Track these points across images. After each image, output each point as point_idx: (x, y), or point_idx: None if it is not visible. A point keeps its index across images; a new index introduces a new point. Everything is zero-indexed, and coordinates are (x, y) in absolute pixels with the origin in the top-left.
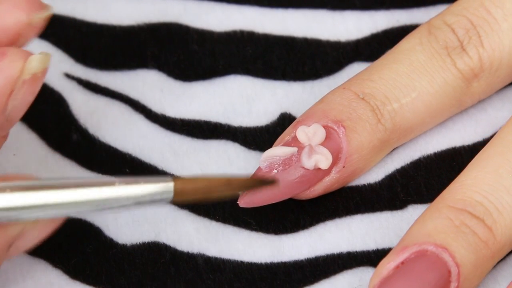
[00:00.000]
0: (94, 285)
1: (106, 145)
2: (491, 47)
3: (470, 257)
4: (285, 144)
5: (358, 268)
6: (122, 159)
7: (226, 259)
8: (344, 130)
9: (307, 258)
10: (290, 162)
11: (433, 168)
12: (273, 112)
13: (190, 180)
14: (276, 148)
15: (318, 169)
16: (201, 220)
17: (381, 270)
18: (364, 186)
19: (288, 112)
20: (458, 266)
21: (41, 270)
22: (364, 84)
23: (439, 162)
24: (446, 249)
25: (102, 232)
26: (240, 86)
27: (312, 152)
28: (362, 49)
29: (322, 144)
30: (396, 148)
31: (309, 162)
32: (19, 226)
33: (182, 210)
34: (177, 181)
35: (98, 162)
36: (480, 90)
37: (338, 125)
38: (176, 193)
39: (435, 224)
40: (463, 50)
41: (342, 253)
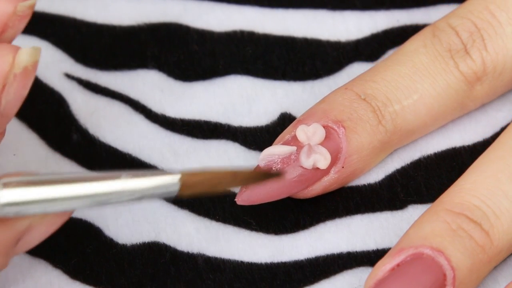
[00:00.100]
0: (94, 285)
1: (106, 145)
2: (495, 51)
3: (466, 261)
4: (284, 143)
5: (358, 268)
6: (122, 159)
7: (226, 259)
8: (344, 131)
9: (307, 258)
10: (288, 161)
11: (433, 168)
12: (273, 112)
13: (196, 173)
14: (275, 146)
15: (317, 168)
16: (201, 220)
17: (376, 272)
18: (364, 186)
19: (288, 112)
20: (453, 270)
21: (41, 270)
22: (366, 85)
23: (439, 162)
24: (442, 252)
25: (102, 232)
26: (240, 86)
27: (311, 151)
28: (362, 49)
29: (321, 144)
30: (396, 148)
31: (307, 162)
32: (27, 221)
33: (182, 210)
34: (183, 174)
35: (98, 162)
36: (483, 94)
37: (338, 125)
38: (182, 186)
39: (432, 227)
40: (467, 53)
41: (342, 253)
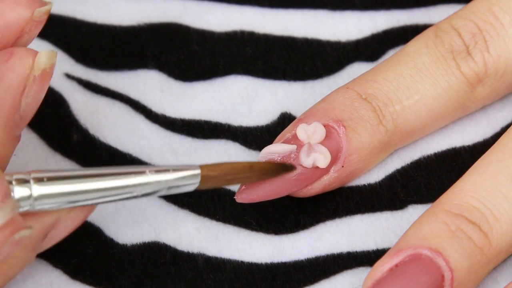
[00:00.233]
0: (94, 285)
1: (106, 145)
2: (497, 53)
3: (464, 262)
4: (285, 141)
5: (358, 268)
6: (122, 159)
7: (226, 259)
8: (344, 130)
9: (307, 258)
10: (288, 160)
11: (433, 168)
12: (273, 112)
13: (214, 166)
14: (275, 145)
15: (317, 167)
16: (201, 220)
17: (375, 272)
18: (364, 186)
19: (288, 112)
20: (451, 271)
21: (41, 270)
22: (367, 84)
23: (439, 162)
24: (441, 253)
25: (102, 232)
26: (240, 86)
27: (310, 150)
28: (362, 49)
29: (321, 143)
30: (396, 148)
31: (307, 161)
32: (54, 215)
33: (182, 210)
34: (203, 168)
35: (98, 162)
36: (484, 95)
37: (338, 124)
38: (202, 179)
39: (431, 228)
40: (469, 54)
41: (342, 253)
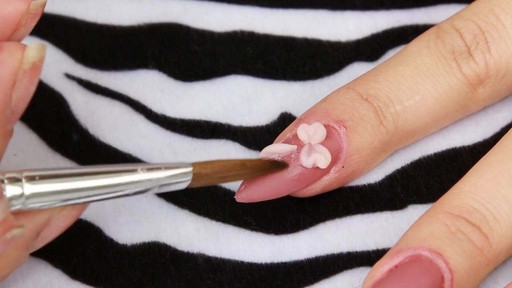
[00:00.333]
0: (94, 285)
1: (106, 145)
2: (498, 54)
3: (464, 264)
4: (285, 141)
5: (358, 268)
6: (122, 159)
7: (226, 259)
8: (345, 130)
9: (307, 258)
10: (289, 160)
11: (433, 168)
12: (273, 112)
13: (206, 164)
14: (275, 145)
15: (317, 168)
16: (201, 220)
17: (374, 273)
18: (364, 186)
19: (288, 112)
20: (451, 272)
21: (41, 270)
22: (368, 85)
23: (439, 162)
24: (441, 255)
25: (102, 232)
26: (240, 86)
27: (311, 150)
28: (362, 49)
29: (322, 143)
30: (397, 149)
31: (307, 161)
32: (47, 214)
33: (182, 210)
34: (195, 165)
35: (98, 162)
36: (485, 96)
37: (339, 124)
38: (194, 176)
39: (431, 229)
40: (470, 55)
41: (342, 253)
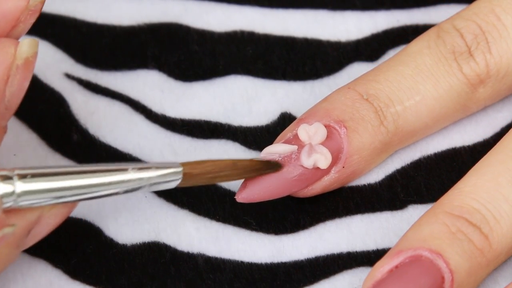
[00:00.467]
0: (94, 285)
1: (106, 145)
2: (499, 54)
3: (464, 264)
4: (286, 141)
5: (358, 268)
6: (122, 159)
7: (226, 259)
8: (345, 131)
9: (307, 258)
10: (289, 160)
11: (433, 168)
12: (273, 112)
13: (197, 164)
14: (276, 145)
15: (317, 168)
16: (201, 220)
17: (374, 273)
18: (364, 186)
19: (288, 112)
20: (451, 272)
21: (41, 270)
22: (368, 85)
23: (439, 162)
24: (441, 255)
25: (102, 232)
26: (240, 86)
27: (312, 151)
28: (362, 49)
29: (322, 143)
30: (397, 149)
31: (308, 161)
32: (38, 212)
33: (182, 210)
34: (185, 165)
35: (98, 162)
36: (485, 96)
37: (340, 125)
38: (184, 176)
39: (431, 229)
40: (471, 55)
41: (342, 253)
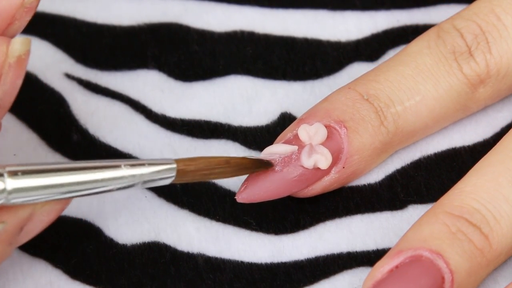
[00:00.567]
0: (94, 285)
1: (106, 145)
2: (499, 54)
3: (464, 264)
4: (286, 141)
5: (358, 268)
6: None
7: (226, 259)
8: (346, 131)
9: (307, 258)
10: (289, 160)
11: (433, 168)
12: (273, 111)
13: (191, 160)
14: (276, 145)
15: (318, 168)
16: (201, 220)
17: (375, 273)
18: (364, 186)
19: (288, 112)
20: (452, 272)
21: (41, 270)
22: (369, 85)
23: (439, 162)
24: (441, 255)
25: (102, 232)
26: (240, 86)
27: (312, 151)
28: (362, 49)
29: (323, 143)
30: (397, 149)
31: (308, 162)
32: (30, 209)
33: (182, 210)
34: (179, 162)
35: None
36: (486, 96)
37: (340, 125)
38: (178, 173)
39: (431, 229)
40: (471, 55)
41: (342, 253)
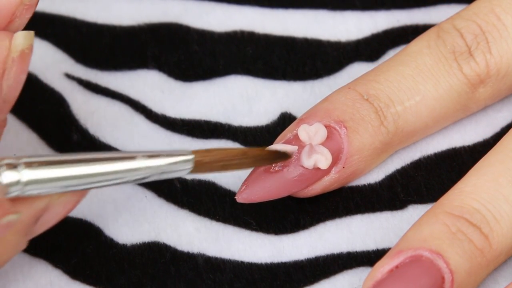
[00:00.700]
0: (94, 285)
1: (106, 145)
2: (499, 54)
3: (464, 264)
4: (286, 141)
5: (358, 268)
6: None
7: (226, 259)
8: (346, 131)
9: (307, 258)
10: (290, 160)
11: (433, 168)
12: (273, 111)
13: (208, 152)
14: (276, 145)
15: (318, 168)
16: (201, 220)
17: (375, 273)
18: (364, 186)
19: (288, 111)
20: (452, 273)
21: (41, 270)
22: (369, 85)
23: (439, 162)
24: (441, 255)
25: (102, 232)
26: (240, 86)
27: (312, 151)
28: (362, 49)
29: (323, 143)
30: (397, 149)
31: (308, 162)
32: (46, 200)
33: (182, 210)
34: (196, 153)
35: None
36: (486, 97)
37: (340, 125)
38: (195, 164)
39: (431, 229)
40: (471, 55)
41: (342, 253)
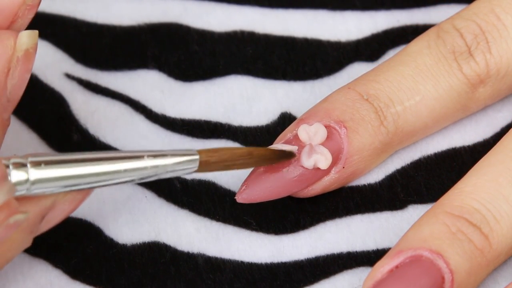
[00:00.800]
0: (94, 285)
1: (106, 145)
2: (499, 54)
3: (464, 264)
4: (286, 141)
5: (358, 268)
6: None
7: (226, 259)
8: (346, 131)
9: (307, 258)
10: (289, 160)
11: (433, 168)
12: (273, 111)
13: (213, 152)
14: (276, 145)
15: (318, 168)
16: (201, 220)
17: (375, 273)
18: (364, 186)
19: (288, 111)
20: (452, 272)
21: (41, 270)
22: (369, 85)
23: (439, 162)
24: (441, 255)
25: (102, 232)
26: (240, 86)
27: (312, 151)
28: (362, 49)
29: (323, 143)
30: (397, 149)
31: (308, 162)
32: (52, 198)
33: (182, 210)
34: (201, 153)
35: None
36: (485, 96)
37: (340, 125)
38: (200, 164)
39: (431, 229)
40: (470, 55)
41: (342, 253)
